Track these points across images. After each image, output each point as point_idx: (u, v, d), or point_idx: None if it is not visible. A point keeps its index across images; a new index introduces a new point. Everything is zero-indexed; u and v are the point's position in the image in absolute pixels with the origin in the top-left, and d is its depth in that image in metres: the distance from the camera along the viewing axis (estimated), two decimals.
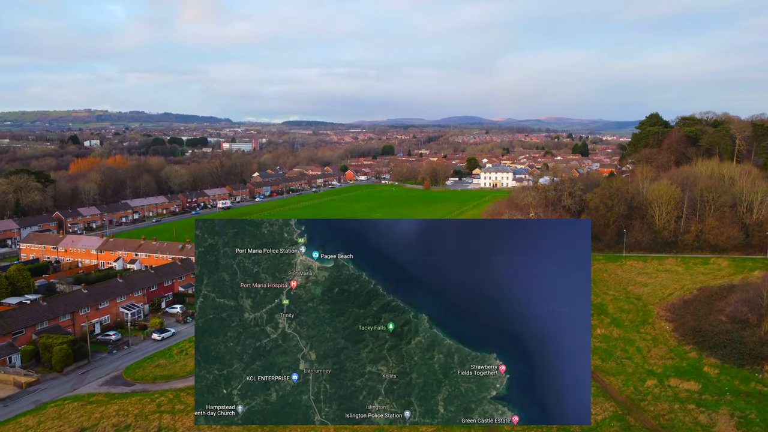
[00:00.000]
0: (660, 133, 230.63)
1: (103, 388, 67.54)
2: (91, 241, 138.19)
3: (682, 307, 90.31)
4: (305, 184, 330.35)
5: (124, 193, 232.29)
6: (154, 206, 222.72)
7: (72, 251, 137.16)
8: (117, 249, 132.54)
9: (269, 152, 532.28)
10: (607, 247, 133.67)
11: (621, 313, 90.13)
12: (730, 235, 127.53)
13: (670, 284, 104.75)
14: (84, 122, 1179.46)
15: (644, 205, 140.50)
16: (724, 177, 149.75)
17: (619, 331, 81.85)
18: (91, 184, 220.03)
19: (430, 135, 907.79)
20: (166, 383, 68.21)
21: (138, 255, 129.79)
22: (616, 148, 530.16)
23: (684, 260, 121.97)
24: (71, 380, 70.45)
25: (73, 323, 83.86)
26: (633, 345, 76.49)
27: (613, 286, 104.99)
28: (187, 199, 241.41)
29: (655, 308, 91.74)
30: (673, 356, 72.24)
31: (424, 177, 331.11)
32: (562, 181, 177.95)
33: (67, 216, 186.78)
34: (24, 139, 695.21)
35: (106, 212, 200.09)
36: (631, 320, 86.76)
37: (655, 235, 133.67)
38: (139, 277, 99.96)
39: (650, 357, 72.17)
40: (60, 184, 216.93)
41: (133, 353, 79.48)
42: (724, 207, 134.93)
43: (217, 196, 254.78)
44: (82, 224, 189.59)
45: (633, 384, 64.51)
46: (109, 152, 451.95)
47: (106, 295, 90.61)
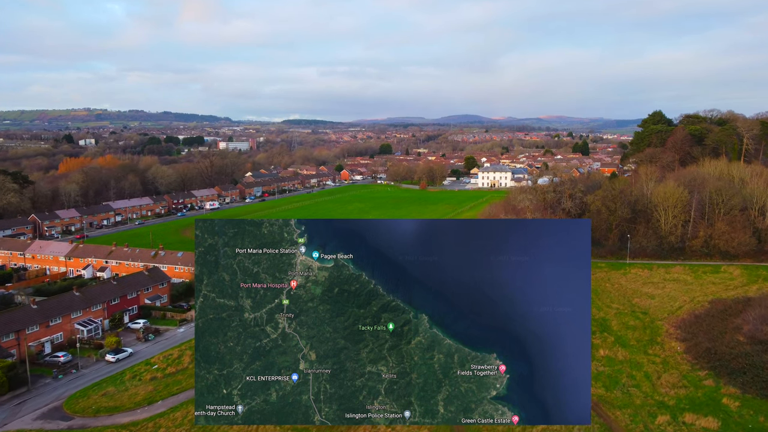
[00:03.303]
0: (664, 132, 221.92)
1: (36, 424, 59.16)
2: (59, 247, 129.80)
3: (694, 323, 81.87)
4: (299, 184, 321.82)
5: (107, 194, 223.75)
6: (138, 208, 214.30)
7: (40, 258, 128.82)
8: (86, 256, 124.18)
9: (265, 151, 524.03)
10: (610, 254, 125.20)
11: (626, 330, 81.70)
12: (742, 241, 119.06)
13: (679, 296, 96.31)
14: (83, 121, 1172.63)
15: (649, 209, 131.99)
16: (734, 178, 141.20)
17: (624, 352, 73.42)
18: (72, 185, 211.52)
19: (430, 134, 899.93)
20: (109, 417, 59.84)
21: (108, 262, 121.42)
22: (617, 147, 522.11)
23: (692, 268, 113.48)
24: (3, 412, 62.06)
25: (18, 343, 75.47)
26: (641, 370, 68.05)
27: (617, 298, 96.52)
28: (174, 201, 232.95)
29: (663, 324, 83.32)
30: (687, 384, 63.80)
31: (421, 177, 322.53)
32: (561, 182, 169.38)
33: (44, 219, 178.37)
34: (19, 138, 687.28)
35: (86, 214, 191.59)
36: (638, 339, 78.34)
37: (660, 240, 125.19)
38: (99, 289, 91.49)
39: (661, 385, 63.73)
40: (39, 186, 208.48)
41: (81, 378, 71.09)
42: (734, 210, 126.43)
43: (205, 197, 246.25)
44: (60, 227, 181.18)
45: (642, 420, 56.08)
46: (103, 152, 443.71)
47: (59, 311, 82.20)
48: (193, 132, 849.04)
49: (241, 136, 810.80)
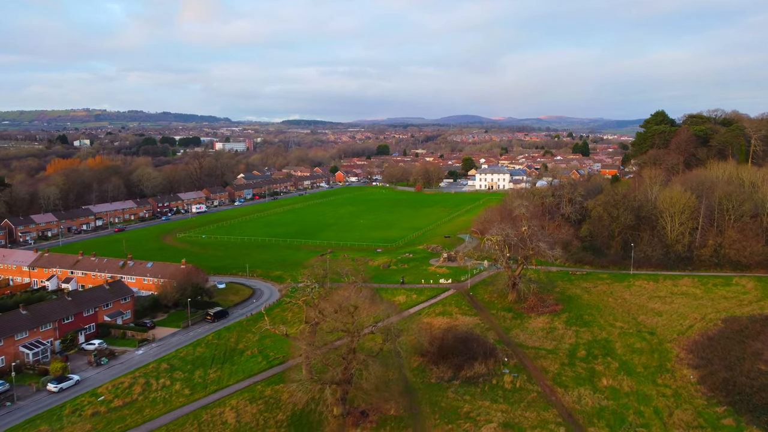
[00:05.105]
0: (667, 132, 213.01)
1: None
2: (23, 256, 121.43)
3: (707, 346, 73.46)
4: (292, 186, 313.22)
5: (89, 197, 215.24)
6: (121, 212, 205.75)
7: (2, 268, 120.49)
8: (51, 266, 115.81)
9: (261, 152, 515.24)
10: (612, 263, 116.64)
11: (632, 354, 73.29)
12: (754, 250, 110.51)
13: (689, 312, 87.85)
14: (82, 122, 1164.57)
15: (654, 215, 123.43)
16: (744, 182, 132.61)
17: (630, 381, 65.01)
18: (52, 188, 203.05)
19: (429, 134, 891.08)
20: None
21: (74, 273, 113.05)
22: (618, 148, 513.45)
23: (702, 280, 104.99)
24: None
25: None
26: (650, 404, 59.63)
27: (621, 315, 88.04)
28: (159, 204, 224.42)
29: (673, 347, 74.89)
30: (704, 424, 55.39)
31: (417, 178, 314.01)
32: (561, 186, 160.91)
33: (18, 224, 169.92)
34: (13, 138, 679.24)
35: (64, 219, 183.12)
36: (645, 365, 69.94)
37: (666, 249, 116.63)
38: (50, 306, 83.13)
39: (673, 425, 55.34)
40: (17, 189, 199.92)
41: (15, 412, 62.70)
42: (745, 217, 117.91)
43: (192, 200, 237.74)
44: (36, 233, 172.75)
45: None
46: (96, 153, 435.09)
47: (1, 332, 73.83)
48: (192, 132, 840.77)
49: (239, 136, 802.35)
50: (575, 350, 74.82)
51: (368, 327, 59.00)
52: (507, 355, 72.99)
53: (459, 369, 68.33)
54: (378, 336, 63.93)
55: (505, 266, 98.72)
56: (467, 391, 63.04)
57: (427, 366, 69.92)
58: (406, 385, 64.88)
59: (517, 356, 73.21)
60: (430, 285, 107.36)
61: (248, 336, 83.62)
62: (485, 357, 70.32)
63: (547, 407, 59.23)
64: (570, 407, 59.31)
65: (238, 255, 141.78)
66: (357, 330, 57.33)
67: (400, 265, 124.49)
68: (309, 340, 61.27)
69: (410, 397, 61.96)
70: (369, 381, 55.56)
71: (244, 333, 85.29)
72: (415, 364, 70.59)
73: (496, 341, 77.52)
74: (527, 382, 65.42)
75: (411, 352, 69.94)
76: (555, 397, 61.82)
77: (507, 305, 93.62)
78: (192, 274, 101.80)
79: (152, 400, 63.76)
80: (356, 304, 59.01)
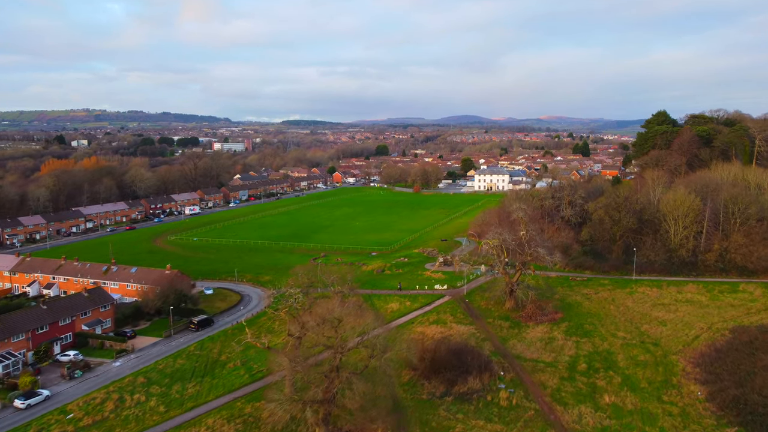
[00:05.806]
0: (669, 133, 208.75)
1: None
2: (5, 260, 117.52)
3: (715, 359, 69.43)
4: (288, 187, 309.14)
5: (80, 199, 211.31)
6: (112, 213, 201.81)
7: None
8: (33, 271, 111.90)
9: (259, 153, 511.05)
10: (614, 269, 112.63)
11: (635, 367, 69.22)
12: (761, 255, 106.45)
13: (695, 321, 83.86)
14: (82, 122, 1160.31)
15: (657, 218, 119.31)
16: (750, 184, 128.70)
17: (634, 398, 60.96)
18: (42, 189, 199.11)
19: (429, 134, 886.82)
20: None
21: (56, 278, 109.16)
22: (618, 148, 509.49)
23: (707, 286, 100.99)
24: None
25: None
26: (655, 425, 55.61)
27: (623, 325, 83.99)
28: (152, 206, 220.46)
29: (679, 359, 70.87)
30: None
31: (415, 179, 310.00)
32: (561, 187, 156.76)
33: (5, 226, 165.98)
34: (11, 139, 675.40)
35: (53, 221, 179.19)
36: (649, 379, 65.88)
37: (670, 254, 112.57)
38: (24, 315, 79.16)
39: None
40: (7, 189, 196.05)
41: None
42: (751, 220, 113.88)
43: (185, 201, 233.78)
44: (23, 235, 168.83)
45: None
46: (93, 153, 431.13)
47: None
48: (191, 133, 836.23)
49: (238, 137, 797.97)
50: (575, 363, 70.77)
51: (353, 341, 54.97)
52: (503, 369, 68.96)
53: (452, 384, 64.28)
54: (364, 350, 59.87)
55: (503, 272, 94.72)
56: (460, 409, 59.04)
57: (418, 380, 65.90)
58: (395, 402, 60.83)
59: (513, 369, 69.18)
60: (425, 291, 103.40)
61: (232, 346, 79.63)
62: (480, 371, 66.25)
63: (545, 428, 55.21)
64: (570, 427, 55.29)
65: (229, 258, 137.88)
66: (341, 345, 53.35)
67: (395, 269, 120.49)
68: (292, 354, 57.27)
69: (399, 416, 57.92)
70: (354, 400, 51.59)
71: (227, 343, 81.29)
72: (406, 378, 66.57)
73: (491, 353, 73.53)
74: (524, 398, 61.37)
75: (400, 367, 65.91)
76: (554, 415, 57.79)
77: (504, 313, 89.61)
78: (176, 279, 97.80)
79: (124, 418, 59.76)
80: (340, 317, 54.97)
